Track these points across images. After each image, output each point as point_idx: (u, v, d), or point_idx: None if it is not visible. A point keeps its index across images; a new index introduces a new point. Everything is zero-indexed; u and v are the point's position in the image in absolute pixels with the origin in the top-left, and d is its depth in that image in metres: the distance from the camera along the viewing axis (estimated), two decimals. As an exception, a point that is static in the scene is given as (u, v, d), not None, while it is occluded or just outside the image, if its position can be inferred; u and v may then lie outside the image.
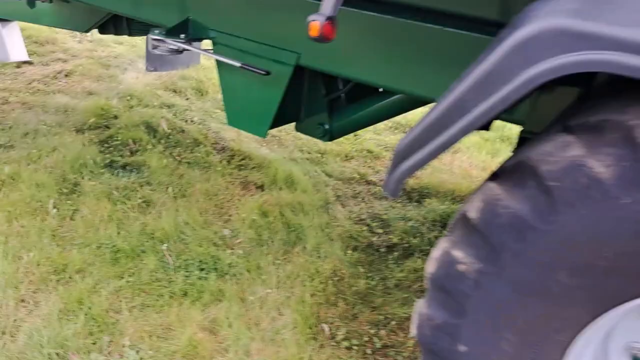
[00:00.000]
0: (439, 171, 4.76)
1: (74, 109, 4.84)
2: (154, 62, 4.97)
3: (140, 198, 3.53)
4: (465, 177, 4.71)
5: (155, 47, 2.96)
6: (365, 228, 3.63)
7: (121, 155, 4.08)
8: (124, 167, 3.93)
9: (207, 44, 3.12)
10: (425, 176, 4.60)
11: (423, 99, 2.84)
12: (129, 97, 5.25)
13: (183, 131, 4.62)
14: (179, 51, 2.97)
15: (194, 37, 2.94)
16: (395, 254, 3.37)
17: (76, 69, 5.84)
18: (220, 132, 4.78)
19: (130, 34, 4.08)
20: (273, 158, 4.35)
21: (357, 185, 4.28)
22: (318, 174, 4.32)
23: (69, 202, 3.38)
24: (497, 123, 5.98)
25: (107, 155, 4.03)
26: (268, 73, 2.64)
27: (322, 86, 2.93)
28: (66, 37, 6.84)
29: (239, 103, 2.99)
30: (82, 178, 3.68)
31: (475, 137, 5.62)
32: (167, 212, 3.44)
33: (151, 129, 4.52)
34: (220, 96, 5.58)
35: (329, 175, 4.34)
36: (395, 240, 3.51)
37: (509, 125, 5.89)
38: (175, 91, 5.63)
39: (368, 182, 4.36)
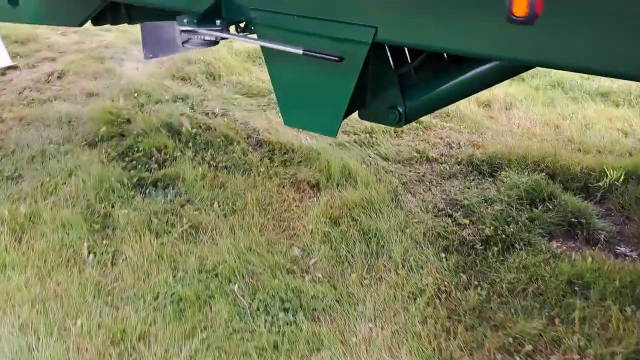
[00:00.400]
0: (498, 133, 4.20)
1: (78, 117, 4.17)
2: (152, 48, 4.29)
3: (186, 223, 2.95)
4: (530, 136, 4.15)
5: (186, 42, 2.31)
6: (448, 220, 3.09)
7: (148, 170, 3.46)
8: (155, 184, 3.32)
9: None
10: (488, 142, 4.04)
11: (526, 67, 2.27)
12: (135, 94, 4.57)
13: (209, 128, 3.99)
14: (216, 42, 2.33)
15: (231, 21, 2.30)
16: (495, 249, 2.84)
17: (68, 67, 5.11)
18: (249, 122, 4.16)
19: (130, 22, 3.43)
20: (319, 147, 3.75)
21: (419, 165, 3.71)
22: (373, 158, 3.74)
23: (105, 242, 2.80)
24: (542, 69, 5.35)
25: (133, 172, 3.41)
26: (341, 59, 2.03)
27: (390, 61, 2.34)
28: (47, 32, 6.06)
29: (299, 98, 2.38)
30: (112, 207, 3.08)
31: (524, 87, 5.03)
32: (221, 237, 2.87)
33: (173, 131, 3.89)
34: (236, 78, 4.92)
35: (386, 159, 3.76)
36: (488, 231, 2.97)
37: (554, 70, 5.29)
38: (184, 79, 4.95)
39: (429, 160, 3.78)
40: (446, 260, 2.76)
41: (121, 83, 4.78)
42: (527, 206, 3.24)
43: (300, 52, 2.06)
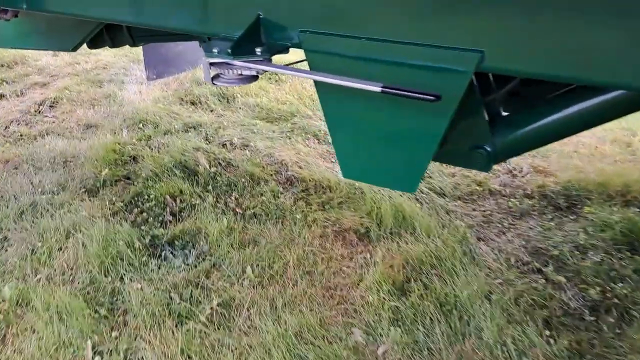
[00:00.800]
0: (563, 155, 3.53)
1: (75, 156, 3.50)
2: (155, 68, 3.68)
3: (214, 299, 2.28)
4: (600, 158, 3.49)
5: (216, 77, 1.65)
6: (540, 279, 2.43)
7: (162, 224, 2.79)
8: (171, 243, 2.66)
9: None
10: (554, 167, 3.38)
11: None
12: (140, 124, 3.90)
13: (230, 164, 3.32)
14: (256, 77, 1.68)
15: (274, 49, 1.65)
16: (609, 320, 2.18)
17: (62, 94, 4.43)
18: (274, 154, 3.49)
19: (134, 44, 2.83)
20: (361, 184, 3.08)
21: (483, 201, 3.05)
22: (427, 195, 3.07)
23: (114, 334, 2.13)
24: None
25: (144, 229, 2.73)
26: (438, 98, 1.38)
27: (476, 87, 1.70)
28: (37, 52, 5.37)
29: (366, 145, 1.72)
30: (121, 280, 2.41)
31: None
32: (261, 318, 2.20)
33: (188, 171, 3.21)
34: (252, 100, 4.25)
35: (442, 195, 3.10)
36: (593, 294, 2.31)
37: None
38: (194, 103, 4.27)
39: (492, 193, 3.12)
40: (554, 340, 2.10)
41: (123, 111, 4.11)
42: (627, 253, 2.58)
43: (378, 89, 1.41)
